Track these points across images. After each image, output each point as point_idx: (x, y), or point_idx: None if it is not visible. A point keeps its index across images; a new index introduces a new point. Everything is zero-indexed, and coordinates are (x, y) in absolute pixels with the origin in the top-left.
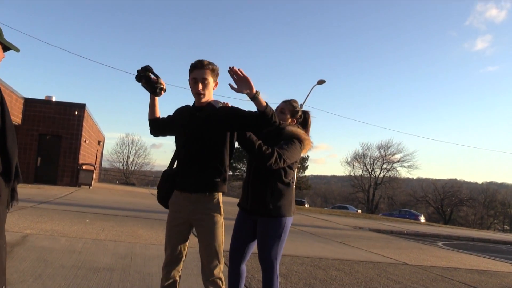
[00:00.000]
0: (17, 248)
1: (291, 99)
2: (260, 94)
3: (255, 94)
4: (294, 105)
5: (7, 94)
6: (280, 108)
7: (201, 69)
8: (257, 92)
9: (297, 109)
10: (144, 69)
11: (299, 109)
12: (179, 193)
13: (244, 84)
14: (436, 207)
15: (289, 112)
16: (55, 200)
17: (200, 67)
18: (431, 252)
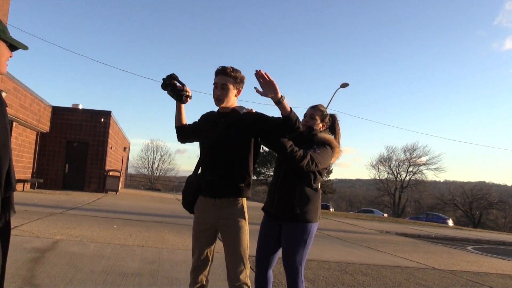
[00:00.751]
0: (48, 253)
1: (317, 104)
2: (285, 99)
3: (280, 98)
4: (322, 110)
5: (36, 102)
6: (309, 114)
7: (223, 75)
8: (282, 97)
9: (325, 113)
10: (169, 77)
11: (327, 113)
12: (204, 198)
13: (270, 88)
14: (464, 210)
15: (319, 117)
16: (83, 206)
17: (221, 73)
18: (460, 257)
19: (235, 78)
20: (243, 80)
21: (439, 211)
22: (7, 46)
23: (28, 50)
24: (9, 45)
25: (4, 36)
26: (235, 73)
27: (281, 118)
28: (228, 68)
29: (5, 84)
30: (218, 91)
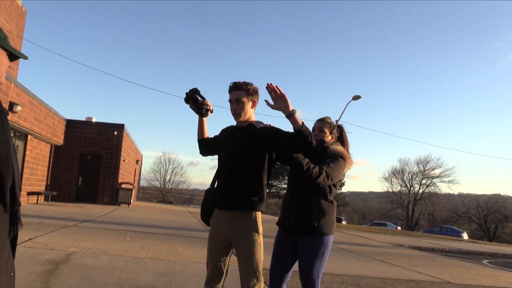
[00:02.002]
0: (62, 266)
1: (324, 116)
2: (296, 112)
3: (291, 112)
4: (329, 122)
5: (50, 116)
6: (318, 128)
7: (235, 90)
8: (293, 110)
9: (333, 125)
10: (192, 92)
11: (334, 125)
12: (219, 211)
13: (281, 101)
14: (479, 224)
15: (328, 129)
16: (96, 219)
17: (234, 89)
18: (475, 271)
19: (248, 90)
20: (256, 91)
21: (453, 224)
22: (7, 55)
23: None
24: (9, 54)
25: (5, 44)
26: (247, 86)
27: (294, 133)
28: (239, 82)
29: (20, 98)
30: (234, 106)
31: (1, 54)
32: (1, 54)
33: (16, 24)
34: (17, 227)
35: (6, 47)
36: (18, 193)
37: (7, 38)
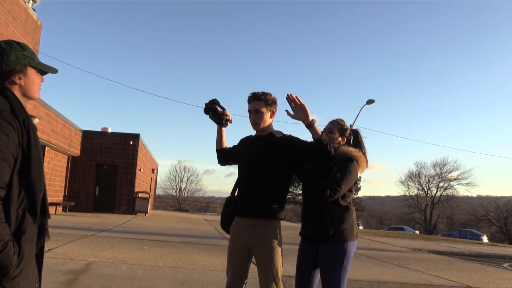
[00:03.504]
0: (82, 275)
1: (337, 118)
2: (315, 122)
3: (311, 122)
4: (341, 124)
5: (67, 127)
6: (327, 129)
7: (255, 100)
8: (313, 120)
9: (345, 127)
10: (211, 102)
11: (347, 127)
12: (239, 218)
13: (301, 111)
14: (499, 226)
15: (337, 131)
16: (113, 228)
17: (253, 99)
18: (496, 274)
19: (266, 101)
20: (275, 101)
21: (472, 227)
22: (37, 72)
23: (59, 76)
24: (38, 71)
25: (33, 62)
26: (266, 96)
27: (313, 142)
28: (258, 93)
29: (37, 110)
30: (253, 116)
31: (31, 73)
32: (31, 72)
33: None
34: (44, 239)
35: (35, 65)
36: (47, 206)
37: (35, 55)
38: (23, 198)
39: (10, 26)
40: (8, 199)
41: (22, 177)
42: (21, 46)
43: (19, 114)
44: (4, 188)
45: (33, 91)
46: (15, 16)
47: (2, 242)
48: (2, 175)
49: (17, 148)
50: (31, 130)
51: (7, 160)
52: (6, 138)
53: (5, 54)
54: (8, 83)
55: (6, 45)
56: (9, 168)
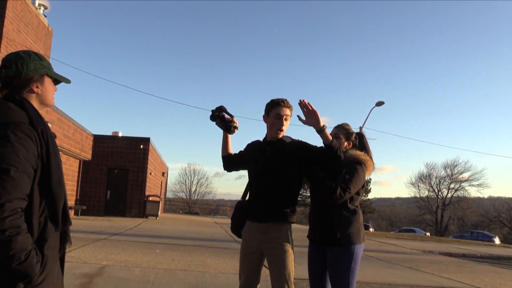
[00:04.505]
0: (96, 279)
1: (342, 123)
2: (326, 128)
3: (322, 127)
4: (346, 128)
5: (78, 132)
6: (334, 134)
7: (286, 107)
8: (324, 126)
9: (350, 131)
10: (218, 109)
11: (352, 131)
12: (251, 223)
13: (312, 117)
14: (511, 227)
15: (343, 135)
16: (125, 232)
17: (284, 105)
18: (508, 276)
19: (291, 109)
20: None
21: (484, 228)
22: (52, 81)
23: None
24: (53, 80)
25: (50, 72)
26: (290, 104)
27: (323, 147)
28: (287, 100)
29: (50, 116)
30: (282, 122)
31: (47, 82)
32: (47, 81)
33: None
34: (66, 246)
35: (51, 74)
36: (69, 213)
37: (51, 65)
38: (44, 207)
39: (22, 33)
40: (29, 209)
41: (42, 187)
42: (39, 56)
43: (37, 125)
44: (25, 199)
45: (49, 99)
46: (27, 23)
47: (25, 251)
48: (22, 187)
49: (37, 159)
50: (50, 140)
51: (27, 172)
52: (25, 150)
53: (25, 63)
54: (26, 92)
55: (25, 54)
56: (29, 180)
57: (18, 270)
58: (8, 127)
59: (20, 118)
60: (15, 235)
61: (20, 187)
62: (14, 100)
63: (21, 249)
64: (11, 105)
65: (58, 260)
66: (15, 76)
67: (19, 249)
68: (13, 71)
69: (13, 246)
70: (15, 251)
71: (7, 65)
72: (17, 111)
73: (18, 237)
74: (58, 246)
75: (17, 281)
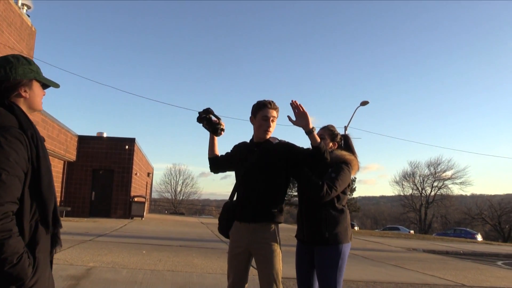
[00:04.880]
0: (83, 281)
1: (327, 124)
2: (315, 130)
3: (311, 129)
4: (331, 129)
5: (63, 133)
6: (319, 135)
7: (272, 109)
8: (313, 128)
9: (335, 133)
10: (205, 111)
11: (337, 133)
12: (238, 223)
13: (303, 119)
14: (493, 225)
15: (328, 136)
16: (111, 233)
17: (271, 107)
18: (490, 273)
19: (277, 111)
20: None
21: (467, 226)
22: (41, 85)
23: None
24: (42, 84)
25: (39, 77)
26: (277, 106)
27: (310, 149)
28: (273, 102)
29: (34, 117)
30: (269, 124)
31: (36, 86)
32: (36, 86)
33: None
34: (56, 248)
35: (40, 79)
36: (59, 216)
37: (39, 70)
38: (35, 210)
39: (4, 32)
40: (20, 213)
41: (33, 190)
42: (28, 60)
43: (27, 129)
44: (16, 203)
45: (37, 103)
46: (10, 22)
47: (17, 255)
48: (13, 191)
49: (27, 162)
50: (40, 143)
51: (18, 176)
52: (16, 154)
53: (13, 68)
54: (14, 96)
55: (14, 59)
56: (20, 184)
57: (10, 273)
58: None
59: (9, 122)
60: (7, 239)
61: (11, 190)
62: (3, 104)
63: (13, 252)
64: (0, 109)
65: (49, 263)
66: (3, 80)
67: (11, 252)
68: (1, 75)
69: (5, 249)
70: (7, 254)
71: None
72: (6, 115)
73: (10, 241)
74: (49, 249)
75: (9, 284)
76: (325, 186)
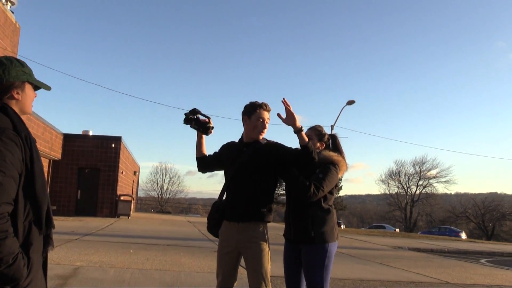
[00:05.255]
0: (70, 280)
1: (315, 125)
2: (303, 130)
3: (300, 128)
4: (319, 130)
5: (48, 131)
6: (307, 135)
7: (268, 111)
8: (302, 127)
9: (323, 133)
10: (192, 112)
11: (325, 133)
12: (228, 222)
13: (290, 118)
14: (477, 223)
15: (316, 137)
16: (97, 232)
17: (266, 109)
18: (474, 270)
19: (270, 112)
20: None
21: (451, 224)
22: (32, 88)
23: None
24: (34, 87)
25: (31, 79)
26: (270, 108)
27: (298, 148)
28: (268, 104)
29: None
30: (264, 125)
31: (28, 88)
32: (28, 88)
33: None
34: (49, 249)
35: (32, 81)
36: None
37: (32, 72)
38: (29, 211)
39: None
40: (15, 214)
41: (27, 191)
42: (21, 63)
43: (21, 131)
44: (11, 204)
45: (28, 106)
46: None
47: (12, 255)
48: (9, 192)
49: (22, 164)
50: (33, 145)
51: (13, 177)
52: (11, 155)
53: (7, 70)
54: (7, 98)
55: (7, 61)
56: (15, 185)
57: (5, 273)
58: None
59: (4, 124)
60: (3, 239)
61: (7, 192)
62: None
63: (8, 252)
64: None
65: (41, 263)
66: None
67: (6, 253)
68: None
69: (1, 250)
70: (3, 254)
71: None
72: (1, 117)
73: (6, 241)
74: (42, 250)
75: (4, 284)
76: (312, 187)
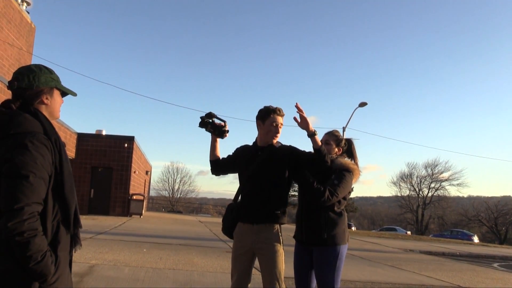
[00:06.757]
0: (86, 278)
1: (332, 130)
2: (317, 134)
3: (314, 132)
4: (336, 135)
5: (62, 130)
6: (324, 140)
7: (281, 115)
8: (315, 131)
9: (340, 138)
10: (208, 116)
11: (342, 138)
12: (242, 224)
13: (303, 123)
14: (489, 226)
15: (334, 142)
16: (110, 231)
17: (280, 114)
18: (486, 274)
19: (283, 117)
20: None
21: (463, 227)
22: (60, 94)
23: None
24: (61, 93)
25: (59, 85)
26: (284, 113)
27: (312, 152)
28: (282, 109)
29: None
30: (278, 129)
31: (56, 94)
32: (56, 94)
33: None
34: (76, 248)
35: (60, 87)
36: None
37: (59, 79)
38: (57, 211)
39: (4, 29)
40: (44, 213)
41: (56, 193)
42: (49, 70)
43: (51, 135)
44: (41, 204)
45: (56, 110)
46: (9, 19)
47: (41, 252)
48: (39, 192)
49: (51, 166)
50: (62, 149)
51: (44, 178)
52: (42, 158)
53: (36, 76)
54: (37, 103)
55: (37, 68)
56: (45, 186)
57: (34, 270)
58: (26, 136)
59: (36, 128)
60: (32, 237)
61: (37, 192)
62: (29, 111)
63: (37, 250)
64: (27, 115)
65: (68, 262)
66: (27, 88)
67: (36, 250)
68: (25, 83)
69: (31, 247)
70: (32, 252)
71: (19, 78)
72: (32, 121)
73: (35, 239)
74: (69, 248)
75: (33, 280)
76: (326, 192)
